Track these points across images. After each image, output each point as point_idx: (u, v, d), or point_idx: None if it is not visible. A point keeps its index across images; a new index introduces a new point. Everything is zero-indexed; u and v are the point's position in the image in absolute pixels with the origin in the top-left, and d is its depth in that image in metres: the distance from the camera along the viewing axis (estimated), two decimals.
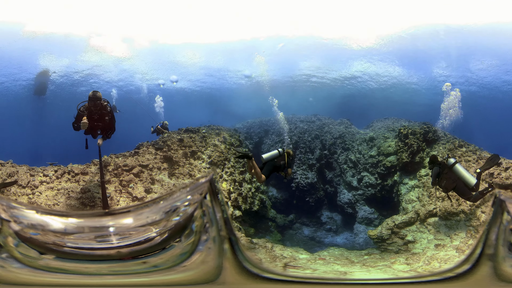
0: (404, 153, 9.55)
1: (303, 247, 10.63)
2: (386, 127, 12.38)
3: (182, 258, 1.98)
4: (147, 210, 1.99)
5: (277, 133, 13.85)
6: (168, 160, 7.66)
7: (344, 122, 13.92)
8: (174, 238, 2.00)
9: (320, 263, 5.67)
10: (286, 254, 6.07)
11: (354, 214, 11.27)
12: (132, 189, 5.92)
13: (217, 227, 1.98)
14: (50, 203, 4.67)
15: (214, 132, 11.52)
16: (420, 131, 9.84)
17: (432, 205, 7.06)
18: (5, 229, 1.84)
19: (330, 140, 12.74)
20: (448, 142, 9.54)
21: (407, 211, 8.16)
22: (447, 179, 5.54)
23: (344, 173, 11.94)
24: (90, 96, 5.37)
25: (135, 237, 1.96)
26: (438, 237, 6.26)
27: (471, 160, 7.62)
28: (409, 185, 9.21)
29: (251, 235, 8.50)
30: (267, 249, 6.21)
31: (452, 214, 6.44)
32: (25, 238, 1.85)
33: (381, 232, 7.64)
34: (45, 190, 4.92)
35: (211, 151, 9.77)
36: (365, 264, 5.57)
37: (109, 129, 5.53)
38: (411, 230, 7.29)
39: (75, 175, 5.66)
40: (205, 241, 1.98)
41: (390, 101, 19.50)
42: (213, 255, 1.98)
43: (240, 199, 8.27)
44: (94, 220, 1.98)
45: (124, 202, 5.49)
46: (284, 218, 11.70)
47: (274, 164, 5.82)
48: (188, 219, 1.99)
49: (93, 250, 1.92)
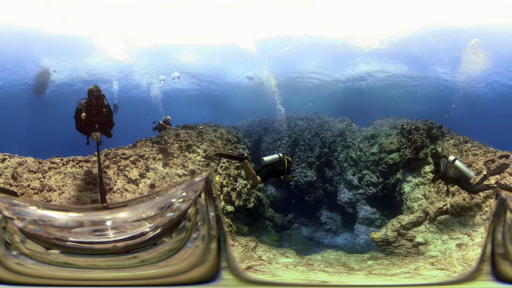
0: (407, 149, 9.19)
1: (301, 247, 10.21)
2: (388, 124, 12.05)
3: (168, 255, 2.00)
4: (143, 205, 2.01)
5: (276, 131, 13.55)
6: (163, 151, 7.78)
7: (345, 120, 13.62)
8: (166, 234, 2.01)
9: (299, 270, 4.82)
10: (265, 256, 5.57)
11: (354, 214, 10.85)
12: (128, 172, 6.32)
13: (208, 225, 1.99)
14: (59, 184, 5.28)
15: (212, 128, 11.55)
16: (424, 127, 9.52)
17: (442, 202, 6.62)
18: (9, 226, 1.86)
19: (330, 137, 12.41)
20: (452, 138, 9.23)
21: (413, 210, 7.68)
22: (454, 169, 5.75)
23: (345, 171, 11.56)
24: (91, 91, 5.31)
25: (130, 232, 1.98)
26: (454, 236, 5.75)
27: (478, 154, 7.27)
28: (413, 182, 8.82)
29: (244, 233, 8.09)
30: (246, 248, 5.83)
31: (465, 209, 6.00)
32: (30, 235, 1.88)
33: (386, 234, 7.15)
34: (53, 174, 5.47)
35: (207, 145, 9.56)
36: (372, 272, 4.81)
37: (108, 123, 5.61)
38: (420, 231, 6.79)
39: (79, 162, 6.15)
40: (194, 239, 2.00)
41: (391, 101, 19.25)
42: (198, 253, 1.99)
43: (234, 194, 7.92)
44: (92, 214, 2.00)
45: (121, 184, 5.97)
46: (282, 218, 11.29)
47: (274, 168, 5.86)
48: (182, 216, 2.01)
49: (92, 244, 1.95)
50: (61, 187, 5.23)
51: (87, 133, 5.62)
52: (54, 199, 4.99)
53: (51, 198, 4.98)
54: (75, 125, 5.46)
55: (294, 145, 12.70)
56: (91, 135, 5.53)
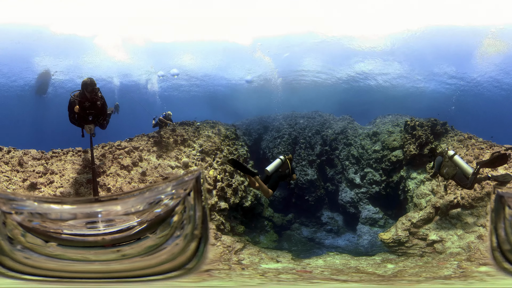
0: (411, 145, 8.84)
1: (301, 248, 9.81)
2: (390, 122, 11.71)
3: (147, 250, 2.00)
4: (132, 199, 2.01)
5: (276, 129, 13.26)
6: (158, 144, 7.85)
7: (346, 118, 13.31)
8: (152, 229, 2.02)
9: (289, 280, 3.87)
10: (248, 260, 5.06)
11: (357, 214, 10.45)
12: (121, 159, 6.61)
13: (193, 225, 1.99)
14: (60, 168, 5.83)
15: (209, 125, 11.46)
16: (428, 124, 9.21)
17: (452, 195, 6.23)
18: (9, 221, 1.88)
19: (331, 135, 12.08)
20: (456, 135, 8.91)
21: (421, 207, 7.26)
22: (448, 167, 5.67)
23: (346, 169, 11.20)
24: (85, 83, 5.31)
25: (119, 225, 2.00)
26: (470, 230, 5.36)
27: (484, 147, 6.96)
28: (417, 179, 8.44)
29: (240, 233, 7.70)
30: (229, 249, 5.51)
31: (477, 200, 5.64)
32: (29, 228, 1.90)
33: (397, 234, 6.65)
34: (55, 161, 6.06)
35: (203, 140, 9.35)
36: (420, 277, 3.85)
37: (101, 115, 5.63)
38: (432, 228, 6.37)
39: (78, 151, 6.67)
40: (176, 236, 2.00)
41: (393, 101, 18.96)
42: (175, 251, 1.99)
43: (230, 191, 7.59)
44: (85, 207, 2.01)
45: (114, 169, 6.30)
46: (282, 218, 10.91)
47: (280, 175, 5.70)
48: (169, 212, 2.01)
49: (85, 236, 1.97)
50: (61, 170, 5.76)
51: (81, 125, 5.66)
52: (56, 180, 5.48)
53: (54, 180, 5.46)
54: (68, 117, 5.54)
55: (294, 143, 12.39)
56: (85, 127, 5.59)
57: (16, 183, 5.18)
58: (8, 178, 5.19)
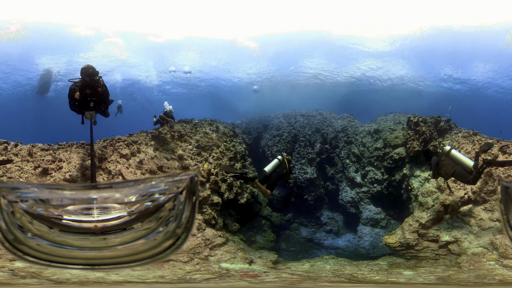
0: (415, 141, 8.55)
1: (300, 249, 9.48)
2: (392, 120, 11.43)
3: (127, 240, 2.02)
4: (127, 190, 2.06)
5: (276, 128, 13.03)
6: (155, 138, 8.09)
7: (347, 117, 13.04)
8: (139, 221, 2.04)
9: None
10: (215, 258, 4.75)
11: (357, 214, 10.11)
12: (121, 150, 7.05)
13: (177, 223, 2.01)
14: (67, 157, 6.28)
15: (207, 122, 11.38)
16: (431, 120, 8.92)
17: (462, 190, 5.87)
18: (16, 209, 1.90)
19: (331, 133, 11.81)
20: (460, 132, 8.61)
21: (428, 206, 6.82)
22: (445, 166, 5.49)
23: (347, 168, 10.89)
24: (83, 69, 5.26)
25: (112, 214, 2.02)
26: (486, 226, 5.00)
27: (491, 142, 6.62)
28: (421, 177, 8.11)
29: (233, 231, 7.40)
30: (206, 242, 5.34)
31: (490, 193, 5.30)
32: (34, 215, 1.93)
33: (405, 237, 6.17)
34: (62, 152, 6.46)
35: (200, 136, 9.18)
36: None
37: (103, 101, 5.61)
38: (443, 228, 5.92)
39: (81, 144, 7.13)
40: (158, 232, 2.01)
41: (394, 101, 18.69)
42: (149, 246, 1.99)
43: (224, 186, 7.35)
44: (83, 193, 2.04)
45: (114, 157, 6.72)
46: (281, 217, 10.60)
47: (278, 174, 5.75)
48: (158, 207, 2.03)
49: (81, 223, 1.99)
50: (68, 159, 6.23)
51: (81, 112, 5.60)
52: (64, 167, 5.95)
53: (62, 166, 5.93)
54: (69, 104, 5.52)
55: (293, 141, 12.13)
56: (85, 114, 5.59)
57: (28, 172, 5.49)
58: (19, 168, 5.46)
